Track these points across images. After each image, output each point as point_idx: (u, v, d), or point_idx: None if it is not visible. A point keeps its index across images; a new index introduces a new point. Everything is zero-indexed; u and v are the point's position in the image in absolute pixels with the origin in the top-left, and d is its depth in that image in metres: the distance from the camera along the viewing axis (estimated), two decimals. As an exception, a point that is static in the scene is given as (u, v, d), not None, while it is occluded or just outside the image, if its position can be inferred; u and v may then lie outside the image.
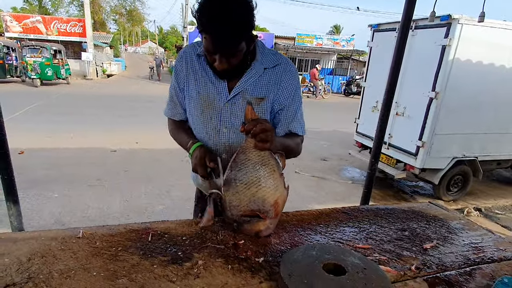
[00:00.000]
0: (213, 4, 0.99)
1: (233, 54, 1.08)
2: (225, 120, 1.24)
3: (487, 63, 4.15)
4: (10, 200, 1.96)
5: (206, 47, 1.08)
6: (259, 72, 1.20)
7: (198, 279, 0.84)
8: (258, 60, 1.20)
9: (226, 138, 1.26)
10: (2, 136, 1.88)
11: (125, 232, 1.04)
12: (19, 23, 18.59)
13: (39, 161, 4.89)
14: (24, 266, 0.85)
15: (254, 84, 1.21)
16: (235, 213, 1.04)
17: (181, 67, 1.27)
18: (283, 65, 1.24)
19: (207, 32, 1.03)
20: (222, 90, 1.21)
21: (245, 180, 1.00)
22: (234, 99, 1.22)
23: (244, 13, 1.01)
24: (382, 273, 0.85)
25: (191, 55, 1.25)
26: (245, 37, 1.06)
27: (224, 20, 0.97)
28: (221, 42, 1.02)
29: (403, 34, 2.28)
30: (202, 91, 1.24)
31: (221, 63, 1.09)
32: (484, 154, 4.63)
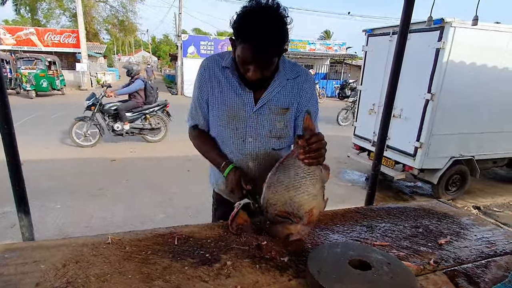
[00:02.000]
0: (255, 16, 1.04)
1: (268, 65, 1.13)
2: (251, 130, 1.29)
3: (480, 65, 4.27)
4: (21, 211, 1.97)
5: (243, 57, 1.11)
6: (282, 83, 1.26)
7: (230, 278, 0.88)
8: (281, 71, 1.25)
9: (252, 147, 1.31)
10: (14, 148, 1.90)
11: (151, 237, 1.07)
12: (13, 35, 18.54)
13: (39, 173, 4.87)
14: (61, 272, 0.87)
15: (278, 94, 1.26)
16: (271, 211, 1.07)
17: (205, 79, 1.31)
18: (303, 76, 1.30)
19: (248, 42, 1.06)
20: (248, 101, 1.26)
21: (286, 182, 1.03)
22: (260, 109, 1.26)
23: (283, 27, 1.07)
24: (406, 267, 0.89)
25: (213, 67, 1.29)
26: (282, 48, 1.11)
27: (266, 32, 1.03)
28: (261, 53, 1.07)
29: (402, 38, 2.36)
30: (228, 102, 1.28)
31: (255, 73, 1.13)
32: (480, 153, 4.73)
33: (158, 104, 7.04)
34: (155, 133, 7.11)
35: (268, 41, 1.04)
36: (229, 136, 1.31)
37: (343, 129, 9.71)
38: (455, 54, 4.07)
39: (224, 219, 1.28)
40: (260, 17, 1.04)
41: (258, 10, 1.05)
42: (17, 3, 26.23)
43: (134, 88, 6.60)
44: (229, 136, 1.31)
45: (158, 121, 7.13)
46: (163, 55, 52.66)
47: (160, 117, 7.11)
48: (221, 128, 1.32)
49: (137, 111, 6.79)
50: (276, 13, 1.06)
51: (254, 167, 1.34)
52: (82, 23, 18.48)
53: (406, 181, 5.59)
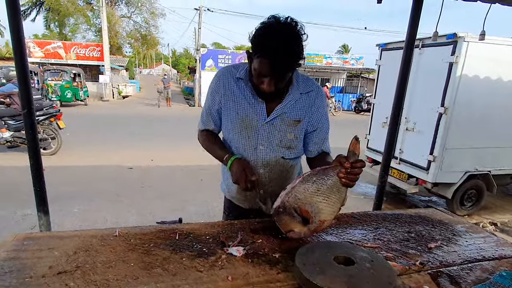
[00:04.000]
0: (273, 33, 1.11)
1: (282, 79, 1.19)
2: (263, 139, 1.36)
3: (495, 78, 4.22)
4: (41, 211, 2.12)
5: (259, 70, 1.17)
6: (296, 97, 1.33)
7: (223, 270, 0.95)
8: (294, 85, 1.32)
9: (263, 155, 1.38)
10: (37, 152, 2.06)
11: (155, 232, 1.16)
12: (41, 49, 19.60)
13: (60, 178, 5.11)
14: (72, 258, 0.97)
15: (291, 107, 1.33)
16: (292, 202, 1.11)
17: (218, 88, 1.38)
18: (315, 91, 1.37)
19: (265, 57, 1.12)
20: (260, 111, 1.33)
21: (320, 187, 1.09)
22: (273, 120, 1.33)
23: (299, 44, 1.13)
24: (389, 265, 0.94)
25: (228, 77, 1.36)
26: (297, 63, 1.16)
27: (283, 49, 1.09)
28: (276, 68, 1.13)
29: (407, 53, 2.41)
30: (240, 112, 1.35)
31: (269, 86, 1.19)
32: (497, 168, 4.62)
33: (44, 113, 6.40)
34: (42, 145, 6.28)
35: (284, 58, 1.10)
36: (241, 144, 1.38)
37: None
38: (469, 68, 4.05)
39: None
40: (278, 34, 1.10)
41: (276, 27, 1.12)
42: (47, 19, 27.78)
43: (1, 90, 6.24)
44: (241, 143, 1.39)
45: (47, 132, 6.53)
46: (183, 68, 54.07)
47: (49, 128, 6.53)
48: (233, 136, 1.40)
49: (21, 119, 5.92)
50: (293, 31, 1.12)
51: (265, 173, 1.41)
52: (106, 38, 19.35)
53: (421, 195, 5.50)
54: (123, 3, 29.26)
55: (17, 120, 6.25)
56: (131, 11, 29.70)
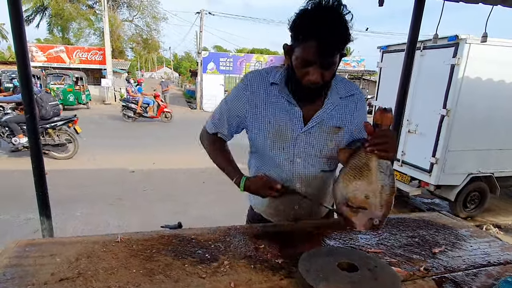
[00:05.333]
0: (317, 12, 1.01)
1: (330, 65, 1.07)
2: (300, 150, 1.23)
3: (497, 80, 4.21)
4: (43, 215, 2.12)
5: (304, 57, 1.05)
6: (335, 102, 1.22)
7: (225, 276, 0.95)
8: (333, 89, 1.22)
9: (300, 168, 1.26)
10: (40, 156, 2.07)
11: (157, 237, 1.16)
12: (44, 53, 19.71)
13: (62, 182, 5.12)
14: (74, 265, 0.97)
15: (331, 114, 1.22)
16: (340, 198, 1.08)
17: (245, 95, 1.25)
18: (357, 95, 1.27)
19: (310, 39, 1.01)
20: (297, 119, 1.21)
21: (356, 171, 1.06)
22: (311, 129, 1.21)
23: (345, 22, 1.03)
24: (392, 271, 0.93)
25: (258, 83, 1.24)
26: (345, 45, 1.06)
27: (330, 26, 0.99)
28: (325, 49, 1.02)
29: (409, 56, 2.40)
30: (273, 121, 1.22)
31: (315, 75, 1.07)
32: (500, 170, 4.60)
33: (61, 119, 6.61)
34: (60, 150, 6.61)
35: (332, 35, 1.00)
36: (274, 157, 1.26)
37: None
38: (471, 70, 4.05)
39: None
40: (323, 12, 1.01)
41: (320, 6, 1.02)
42: (51, 24, 27.97)
43: (16, 97, 6.27)
44: (274, 156, 1.26)
45: (64, 136, 6.70)
46: (184, 71, 54.25)
47: (66, 133, 6.69)
48: (264, 148, 1.27)
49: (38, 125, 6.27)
50: (338, 11, 1.02)
51: (301, 188, 1.29)
52: (108, 42, 19.46)
53: (424, 197, 5.48)
54: (125, 7, 29.46)
55: None
56: (133, 15, 29.90)
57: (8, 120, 6.20)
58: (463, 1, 2.43)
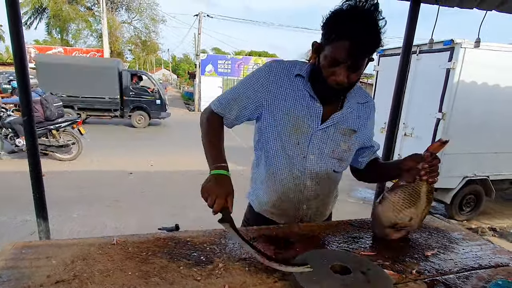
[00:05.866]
0: (353, 13, 1.02)
1: (358, 67, 1.07)
2: (314, 147, 1.23)
3: (492, 84, 4.26)
4: (40, 217, 2.13)
5: (334, 56, 1.05)
6: (353, 105, 1.25)
7: (220, 278, 0.96)
8: (352, 94, 1.24)
9: (312, 165, 1.25)
10: (37, 158, 2.08)
11: (153, 240, 1.17)
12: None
13: (59, 183, 5.12)
14: (69, 267, 0.98)
15: (348, 116, 1.25)
16: (385, 222, 1.21)
17: (267, 81, 1.22)
18: (371, 102, 1.33)
19: (344, 39, 1.01)
20: (316, 115, 1.21)
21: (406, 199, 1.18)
22: (327, 128, 1.22)
23: (379, 26, 1.04)
24: (385, 274, 0.95)
25: (281, 72, 1.23)
26: (376, 49, 1.07)
27: (365, 27, 1.01)
28: (358, 49, 1.02)
29: (404, 59, 2.44)
30: (292, 113, 1.20)
31: (341, 76, 1.07)
32: (495, 174, 4.64)
33: (66, 120, 6.66)
34: (64, 151, 6.65)
35: (366, 36, 1.01)
36: (288, 151, 1.24)
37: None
38: (466, 74, 4.09)
39: None
40: (358, 14, 1.01)
41: (356, 7, 1.02)
42: (49, 25, 27.94)
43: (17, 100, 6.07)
44: (288, 150, 1.24)
45: (68, 138, 6.74)
46: (182, 73, 54.29)
47: (70, 134, 6.74)
48: (279, 141, 1.24)
49: (41, 127, 6.26)
50: (372, 14, 1.03)
51: (312, 186, 1.29)
52: (107, 43, 19.47)
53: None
54: (124, 9, 29.48)
55: (38, 127, 6.24)
56: (132, 17, 29.92)
57: (12, 122, 6.23)
58: (458, 6, 2.47)
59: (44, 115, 6.30)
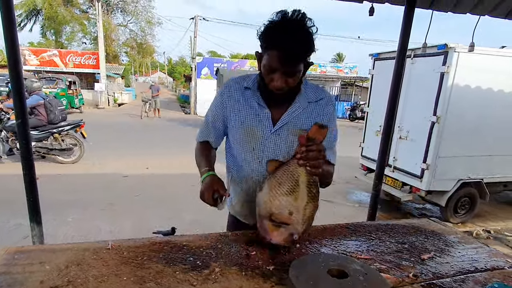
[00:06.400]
0: (282, 24, 1.09)
1: (293, 72, 1.14)
2: (269, 151, 1.30)
3: (486, 88, 4.30)
4: (34, 221, 2.10)
5: (269, 64, 1.13)
6: (303, 105, 1.28)
7: (216, 283, 0.95)
8: (302, 94, 1.28)
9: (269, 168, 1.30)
10: (31, 162, 2.05)
11: (148, 244, 1.16)
12: (37, 56, 19.57)
13: (53, 187, 5.06)
14: (63, 272, 0.96)
15: (298, 116, 1.28)
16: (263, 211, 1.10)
17: (223, 98, 1.34)
18: (325, 99, 1.33)
19: (274, 48, 1.10)
20: (266, 122, 1.28)
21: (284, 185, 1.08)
22: (279, 131, 1.28)
23: (308, 34, 1.11)
24: (382, 278, 0.94)
25: (235, 88, 1.34)
26: (306, 56, 1.14)
27: (292, 37, 1.07)
28: (288, 58, 1.09)
29: (399, 63, 2.45)
30: (245, 122, 1.30)
31: (279, 82, 1.14)
32: (489, 176, 4.67)
33: (69, 123, 6.63)
34: (66, 154, 6.62)
35: (294, 46, 1.07)
36: (246, 157, 1.33)
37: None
38: (460, 78, 4.12)
39: None
40: (286, 25, 1.09)
41: (285, 19, 1.10)
42: (44, 27, 27.78)
43: (28, 103, 6.03)
44: (246, 156, 1.33)
45: (70, 141, 6.69)
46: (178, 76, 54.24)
47: (73, 137, 6.70)
48: (238, 148, 1.35)
49: (44, 130, 6.29)
50: (301, 23, 1.10)
51: None
52: (102, 46, 19.40)
53: (415, 203, 5.53)
54: (120, 12, 29.42)
55: (40, 130, 6.28)
56: (127, 20, 29.86)
57: (13, 125, 6.13)
58: (451, 11, 2.50)
59: (48, 119, 6.29)
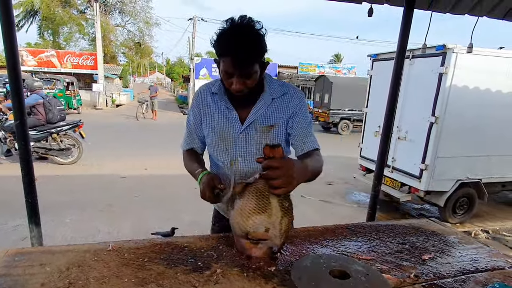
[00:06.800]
0: (231, 31, 1.15)
1: (249, 74, 1.19)
2: (240, 150, 1.36)
3: (484, 89, 4.32)
4: (32, 222, 2.09)
5: (225, 70, 1.18)
6: (268, 102, 1.32)
7: (218, 284, 0.94)
8: (266, 91, 1.33)
9: (241, 167, 1.37)
10: (29, 163, 2.04)
11: (149, 246, 1.15)
12: (34, 57, 19.49)
13: (52, 188, 5.03)
14: (64, 274, 0.96)
15: (264, 114, 1.33)
16: (238, 229, 1.09)
17: (198, 104, 1.41)
18: (290, 93, 1.35)
19: (226, 55, 1.15)
20: (234, 122, 1.34)
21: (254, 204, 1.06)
22: (247, 129, 1.34)
23: (257, 37, 1.16)
24: (384, 279, 0.94)
25: (206, 94, 1.40)
26: (259, 58, 1.19)
27: (240, 42, 1.11)
28: (239, 62, 1.14)
29: (398, 64, 2.46)
30: (216, 126, 1.37)
31: (238, 84, 1.19)
32: (488, 176, 4.69)
33: (67, 123, 6.57)
34: (64, 154, 6.55)
35: (245, 50, 1.12)
36: (220, 158, 1.40)
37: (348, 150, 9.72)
38: (458, 79, 4.14)
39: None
40: (235, 30, 1.14)
41: (232, 26, 1.15)
42: (41, 28, 27.69)
43: (26, 102, 5.96)
44: (220, 157, 1.40)
45: (69, 141, 6.63)
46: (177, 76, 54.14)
47: (71, 138, 6.65)
48: (213, 151, 1.42)
49: (42, 130, 6.22)
50: (248, 27, 1.15)
51: None
52: (100, 47, 19.34)
53: (414, 203, 5.54)
54: (118, 13, 29.37)
55: (39, 130, 6.23)
56: (126, 20, 29.80)
57: (12, 126, 6.09)
58: (450, 12, 2.51)
59: (46, 118, 6.23)
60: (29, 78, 6.29)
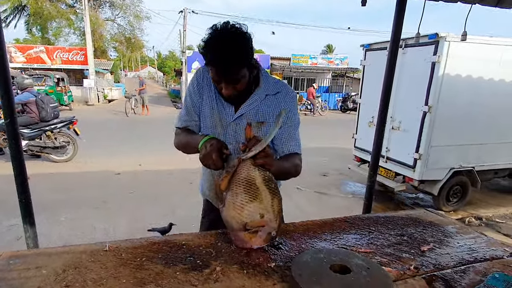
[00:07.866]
0: (214, 42, 1.15)
1: (236, 80, 1.22)
2: (230, 137, 1.39)
3: (476, 77, 4.33)
4: (27, 223, 2.05)
5: (213, 77, 1.24)
6: (261, 97, 1.35)
7: (218, 283, 0.94)
8: (261, 87, 1.35)
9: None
10: (21, 162, 2.00)
11: (147, 245, 1.14)
12: (23, 53, 19.09)
13: (45, 186, 4.97)
14: (61, 276, 0.94)
15: (256, 109, 1.35)
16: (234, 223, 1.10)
17: (198, 83, 1.42)
18: (283, 92, 1.38)
19: (212, 65, 1.19)
20: (228, 111, 1.37)
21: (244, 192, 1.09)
22: (238, 119, 1.36)
23: (241, 45, 1.16)
24: (384, 272, 0.94)
25: (203, 79, 1.41)
26: (244, 64, 1.20)
27: (224, 53, 1.13)
28: (224, 72, 1.18)
29: (392, 54, 2.44)
30: (214, 108, 1.39)
31: (227, 90, 1.24)
32: (480, 164, 4.75)
33: (61, 121, 6.49)
34: (60, 152, 6.47)
35: (229, 61, 1.14)
36: None
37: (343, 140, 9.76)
38: (451, 67, 4.15)
39: (212, 228, 1.35)
40: (219, 41, 1.14)
41: (216, 34, 1.15)
42: (29, 23, 27.06)
43: (18, 99, 5.89)
44: None
45: (63, 139, 6.56)
46: (169, 70, 53.60)
47: (66, 135, 6.58)
48: (208, 131, 1.43)
49: (36, 128, 6.13)
50: (231, 33, 1.15)
51: None
52: (90, 41, 18.98)
53: (408, 192, 5.59)
54: (107, 6, 28.78)
55: (32, 128, 6.13)
56: (115, 14, 29.24)
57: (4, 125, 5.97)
58: (443, 0, 2.49)
59: (39, 116, 6.11)
60: (19, 76, 6.14)
